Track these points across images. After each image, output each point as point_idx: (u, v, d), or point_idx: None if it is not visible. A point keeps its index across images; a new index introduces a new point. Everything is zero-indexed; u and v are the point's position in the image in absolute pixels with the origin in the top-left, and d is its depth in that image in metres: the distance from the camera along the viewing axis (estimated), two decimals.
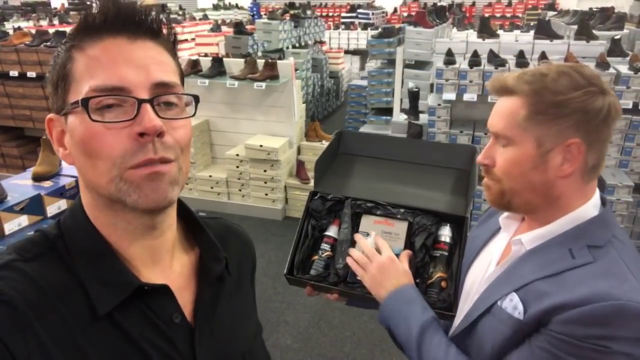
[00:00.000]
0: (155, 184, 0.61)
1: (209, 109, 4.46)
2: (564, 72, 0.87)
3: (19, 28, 5.08)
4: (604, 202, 0.94)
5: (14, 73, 4.37)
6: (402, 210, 1.17)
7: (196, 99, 0.68)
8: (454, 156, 1.32)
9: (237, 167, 4.25)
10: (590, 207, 0.91)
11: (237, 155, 4.21)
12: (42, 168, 2.12)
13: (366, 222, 1.18)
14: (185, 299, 0.70)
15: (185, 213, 0.77)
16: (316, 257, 1.16)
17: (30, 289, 0.59)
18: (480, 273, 1.05)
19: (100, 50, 0.60)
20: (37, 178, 2.07)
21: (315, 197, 1.23)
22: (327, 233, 1.18)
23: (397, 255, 1.09)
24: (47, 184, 2.05)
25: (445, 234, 1.13)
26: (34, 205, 1.88)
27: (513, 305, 0.88)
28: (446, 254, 1.11)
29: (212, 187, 4.44)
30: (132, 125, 0.59)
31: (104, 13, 0.61)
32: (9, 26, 6.06)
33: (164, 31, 0.65)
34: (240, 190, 4.36)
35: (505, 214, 1.05)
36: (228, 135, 4.53)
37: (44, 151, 2.17)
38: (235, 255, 0.83)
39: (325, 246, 1.16)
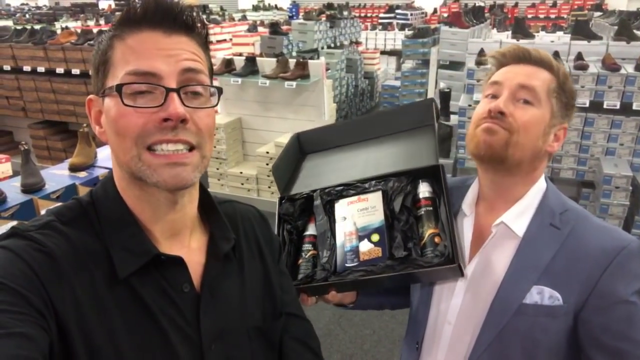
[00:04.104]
0: (175, 171, 0.68)
1: (242, 107, 4.56)
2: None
3: (66, 27, 5.34)
4: None
5: (60, 70, 4.60)
6: (372, 182, 1.12)
7: (219, 90, 0.74)
8: (415, 115, 1.29)
9: (267, 164, 4.32)
10: (543, 179, 1.05)
11: (267, 152, 4.29)
12: (78, 159, 2.24)
13: (340, 207, 1.12)
14: (196, 272, 0.76)
15: (203, 195, 0.82)
16: (301, 260, 1.09)
17: (67, 246, 0.67)
18: None
19: (138, 41, 0.68)
20: (73, 169, 2.19)
21: (283, 201, 1.20)
22: (306, 233, 1.14)
23: (378, 228, 1.05)
24: (82, 174, 2.17)
25: (424, 189, 1.07)
26: (69, 194, 1.99)
27: (547, 296, 0.93)
28: (430, 208, 1.04)
29: (242, 184, 4.53)
30: (159, 112, 0.66)
31: (145, 7, 0.68)
32: (58, 26, 6.39)
33: (198, 27, 0.72)
34: (269, 187, 4.43)
35: (468, 200, 1.08)
36: (259, 133, 4.62)
37: (81, 143, 2.28)
38: (246, 237, 0.87)
39: (307, 246, 1.11)
